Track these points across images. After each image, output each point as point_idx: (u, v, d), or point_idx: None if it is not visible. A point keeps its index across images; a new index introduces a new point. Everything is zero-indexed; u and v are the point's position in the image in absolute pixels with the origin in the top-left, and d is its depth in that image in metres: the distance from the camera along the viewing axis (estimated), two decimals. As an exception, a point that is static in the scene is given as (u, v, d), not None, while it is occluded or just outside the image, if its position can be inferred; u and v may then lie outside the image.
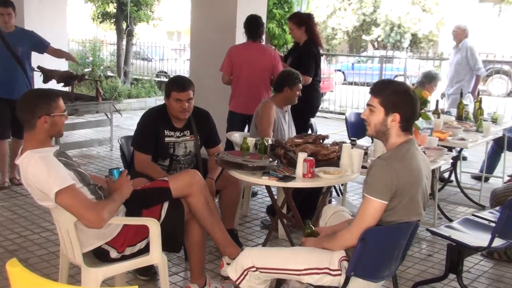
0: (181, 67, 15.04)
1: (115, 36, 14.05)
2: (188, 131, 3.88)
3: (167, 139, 3.80)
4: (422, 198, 2.60)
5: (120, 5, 12.69)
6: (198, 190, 3.22)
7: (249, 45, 5.47)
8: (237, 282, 2.69)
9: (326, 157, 3.59)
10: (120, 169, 3.04)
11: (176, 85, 3.75)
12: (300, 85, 4.64)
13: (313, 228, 2.90)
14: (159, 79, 14.62)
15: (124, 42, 13.27)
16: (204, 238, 3.35)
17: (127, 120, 9.50)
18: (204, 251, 3.40)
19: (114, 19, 13.40)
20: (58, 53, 5.95)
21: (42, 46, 5.73)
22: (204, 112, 4.01)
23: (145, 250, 2.98)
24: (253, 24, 5.47)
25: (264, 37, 5.58)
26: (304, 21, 5.56)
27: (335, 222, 2.98)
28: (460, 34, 7.31)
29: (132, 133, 3.95)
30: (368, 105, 2.66)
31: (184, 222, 3.23)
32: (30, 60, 5.64)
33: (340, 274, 2.55)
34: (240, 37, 6.52)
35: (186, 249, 3.49)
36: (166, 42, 20.71)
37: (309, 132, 5.63)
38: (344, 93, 12.07)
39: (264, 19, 6.99)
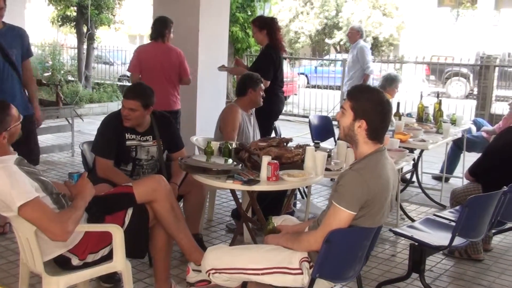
0: (143, 71, 14.86)
1: (75, 40, 13.81)
2: (151, 136, 3.84)
3: (128, 142, 3.75)
4: (389, 207, 2.64)
5: (81, 9, 12.49)
6: (163, 195, 3.19)
7: (155, 45, 5.56)
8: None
9: (290, 160, 3.61)
10: (80, 173, 2.98)
11: (127, 91, 3.75)
12: (263, 86, 4.66)
13: (275, 224, 2.91)
14: (121, 83, 14.43)
15: (85, 46, 13.06)
16: (169, 243, 3.32)
17: (89, 125, 9.35)
18: (169, 257, 3.37)
19: (75, 23, 13.17)
20: (28, 75, 4.58)
21: (26, 55, 4.55)
22: (166, 116, 3.98)
23: (108, 257, 2.93)
24: (159, 25, 5.60)
25: (169, 37, 5.62)
26: (266, 24, 5.58)
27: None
28: (354, 35, 7.88)
29: (93, 138, 3.89)
30: (341, 107, 2.68)
31: (148, 228, 3.20)
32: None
33: (301, 273, 2.56)
34: (204, 41, 6.51)
35: (151, 255, 3.45)
36: (129, 45, 20.47)
37: (273, 135, 5.65)
38: (307, 96, 12.16)
39: (227, 23, 7.02)
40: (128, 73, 6.98)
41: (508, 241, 4.72)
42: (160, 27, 5.55)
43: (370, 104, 2.54)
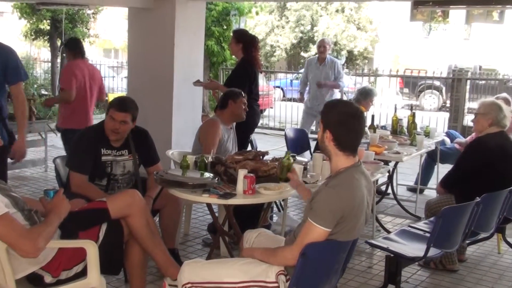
0: (119, 85, 14.80)
1: (49, 54, 13.68)
2: (126, 150, 3.81)
3: (104, 158, 3.71)
4: (364, 221, 2.65)
5: (54, 22, 12.39)
6: (138, 210, 3.16)
7: (82, 62, 5.69)
8: None
9: (266, 173, 3.61)
10: (56, 190, 2.93)
11: (117, 103, 3.74)
12: (245, 100, 4.67)
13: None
14: (96, 97, 14.30)
15: (59, 60, 12.95)
16: (145, 259, 3.28)
17: (63, 139, 9.21)
18: (145, 272, 3.33)
19: (48, 36, 13.06)
20: (16, 102, 4.04)
21: (15, 76, 3.96)
22: (143, 130, 3.95)
23: (82, 273, 2.88)
24: (79, 43, 5.81)
25: None
26: (243, 39, 5.62)
27: (261, 243, 2.96)
28: (328, 49, 7.84)
29: (68, 153, 3.84)
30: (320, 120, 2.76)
31: (123, 244, 3.16)
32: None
33: (277, 287, 2.56)
34: (179, 55, 6.51)
35: (126, 270, 3.40)
36: (103, 59, 20.32)
37: (249, 148, 5.65)
38: (283, 109, 12.21)
39: (202, 37, 7.03)
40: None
41: (482, 251, 4.78)
42: (81, 45, 5.74)
43: (335, 116, 2.61)
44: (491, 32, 22.30)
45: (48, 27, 12.92)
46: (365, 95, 6.14)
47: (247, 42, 5.60)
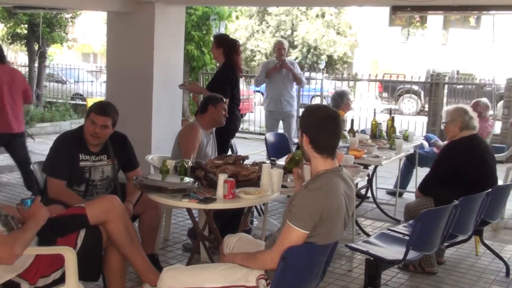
0: (97, 89, 14.69)
1: (26, 58, 13.51)
2: (105, 156, 3.78)
3: (82, 163, 3.68)
4: (342, 225, 2.67)
5: (32, 26, 12.24)
6: (117, 216, 3.13)
7: (2, 67, 5.62)
8: None
9: (247, 178, 3.61)
10: (33, 198, 2.89)
11: (98, 107, 3.72)
12: (225, 105, 4.67)
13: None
14: (74, 102, 14.18)
15: (37, 64, 12.79)
16: (124, 265, 3.25)
17: (40, 144, 9.11)
18: (124, 279, 3.30)
19: (25, 41, 12.89)
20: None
21: None
22: (121, 135, 3.92)
23: (61, 280, 2.84)
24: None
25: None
26: (224, 44, 5.63)
27: (241, 247, 2.96)
28: (286, 51, 7.49)
29: (45, 159, 3.79)
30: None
31: (102, 250, 3.13)
32: None
33: None
34: (159, 60, 6.49)
35: (105, 277, 3.36)
36: (82, 64, 20.17)
37: (230, 153, 5.65)
38: (263, 114, 12.19)
39: (182, 41, 7.02)
40: (80, 92, 6.87)
41: (460, 253, 4.83)
42: (1, 50, 5.65)
43: (311, 119, 2.66)
44: (468, 38, 22.61)
45: (26, 31, 12.75)
46: (341, 97, 6.17)
47: (227, 47, 5.60)
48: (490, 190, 4.07)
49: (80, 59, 27.84)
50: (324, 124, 2.64)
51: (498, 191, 4.30)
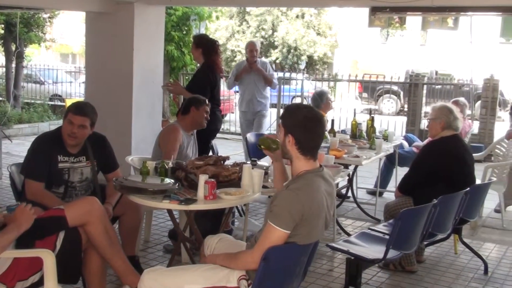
0: (76, 90, 14.55)
1: (3, 58, 13.33)
2: (84, 157, 3.74)
3: (60, 164, 3.63)
4: (323, 225, 2.67)
5: (9, 26, 12.07)
6: (97, 218, 3.11)
7: None
8: None
9: (227, 178, 3.60)
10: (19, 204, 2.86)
11: (75, 107, 3.68)
12: (207, 108, 4.66)
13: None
14: (52, 102, 14.02)
15: (14, 65, 12.62)
16: (104, 267, 3.23)
17: (18, 146, 9.00)
18: (104, 281, 3.27)
19: (2, 41, 12.71)
20: None
21: None
22: (101, 136, 3.88)
23: (39, 283, 2.81)
24: None
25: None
26: (203, 44, 5.62)
27: (222, 248, 2.95)
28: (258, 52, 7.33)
29: (23, 160, 3.74)
30: (279, 124, 2.76)
31: (81, 252, 3.10)
32: None
33: None
34: (138, 60, 6.45)
35: (85, 279, 3.33)
36: (60, 64, 19.95)
37: (210, 153, 5.63)
38: (244, 114, 12.20)
39: (162, 42, 6.98)
40: (59, 93, 6.80)
41: (439, 252, 4.88)
42: None
43: (297, 120, 2.65)
44: (446, 38, 22.90)
45: (2, 31, 12.57)
46: (320, 97, 6.19)
47: (206, 47, 5.59)
48: (468, 189, 4.12)
49: (59, 60, 27.55)
50: (310, 126, 2.64)
51: (476, 190, 4.35)
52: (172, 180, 3.47)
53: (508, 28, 22.91)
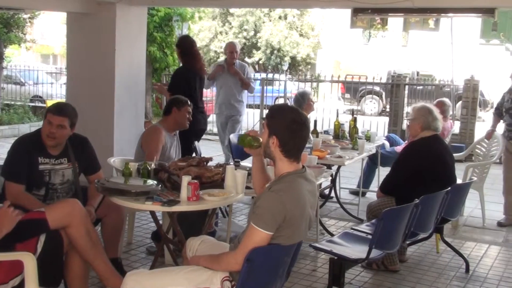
0: (57, 91, 14.41)
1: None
2: (65, 159, 3.70)
3: (41, 166, 3.59)
4: (306, 226, 2.68)
5: (-12, 27, 11.94)
6: (79, 220, 3.08)
7: None
8: None
9: (210, 180, 3.60)
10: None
11: (55, 107, 3.65)
12: (189, 109, 4.64)
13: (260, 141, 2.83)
14: (33, 104, 13.88)
15: (-6, 65, 12.47)
16: (86, 270, 3.20)
17: (-2, 148, 8.89)
18: (86, 284, 3.25)
19: (-18, 41, 12.56)
20: None
21: None
22: (82, 138, 3.85)
23: (20, 287, 2.78)
24: None
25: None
26: (181, 44, 5.64)
27: (205, 250, 2.94)
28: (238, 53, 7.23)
29: (2, 162, 3.69)
30: (262, 124, 2.75)
31: (63, 254, 3.07)
32: None
33: None
34: (120, 61, 6.41)
35: (67, 282, 3.30)
36: (41, 65, 19.75)
37: (193, 155, 5.61)
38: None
39: (144, 43, 6.96)
40: (40, 94, 6.75)
41: (422, 251, 4.93)
42: None
43: (281, 121, 2.63)
44: (427, 39, 23.11)
45: (-19, 32, 12.44)
46: (302, 98, 6.19)
47: (184, 47, 5.61)
48: (449, 188, 4.16)
49: (39, 61, 27.25)
50: (296, 129, 2.63)
51: (457, 189, 4.40)
52: (155, 182, 3.45)
53: (487, 29, 23.17)
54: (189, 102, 4.68)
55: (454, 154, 4.88)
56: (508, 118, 5.65)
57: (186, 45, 5.64)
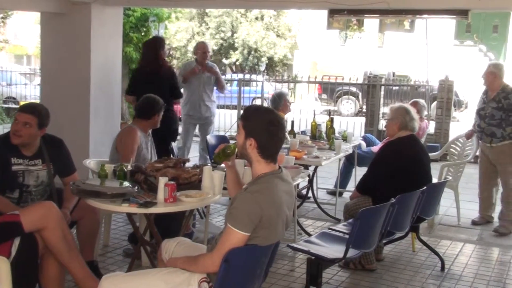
0: (31, 92, 14.21)
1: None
2: (40, 160, 3.64)
3: (14, 167, 3.53)
4: (283, 227, 2.68)
5: (-40, 27, 11.73)
6: (54, 223, 3.04)
7: None
8: None
9: (188, 181, 3.58)
10: None
11: (24, 106, 3.64)
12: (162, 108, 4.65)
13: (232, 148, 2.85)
14: (6, 105, 13.66)
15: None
16: (62, 273, 3.17)
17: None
18: (62, 287, 3.20)
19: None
20: None
21: None
22: (57, 139, 3.80)
23: (-7, 291, 2.73)
24: None
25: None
26: (144, 44, 5.65)
27: (181, 252, 2.92)
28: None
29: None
30: (238, 126, 2.71)
31: (38, 258, 3.03)
32: None
33: None
34: (96, 62, 6.35)
35: (42, 286, 3.25)
36: (14, 66, 19.46)
37: (170, 156, 5.58)
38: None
39: (120, 43, 6.90)
40: (13, 96, 6.64)
41: (398, 250, 4.97)
42: None
43: (258, 123, 2.63)
44: (402, 40, 23.39)
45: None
46: (279, 98, 6.22)
47: (144, 45, 5.64)
48: (425, 188, 4.21)
49: (13, 61, 26.84)
50: (273, 130, 2.63)
51: (433, 188, 4.45)
52: (131, 183, 3.42)
53: (462, 31, 23.56)
54: (163, 102, 4.65)
55: (430, 154, 4.94)
56: (477, 119, 5.73)
57: (150, 45, 5.68)
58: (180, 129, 6.60)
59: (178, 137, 6.49)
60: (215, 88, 7.04)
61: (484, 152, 5.79)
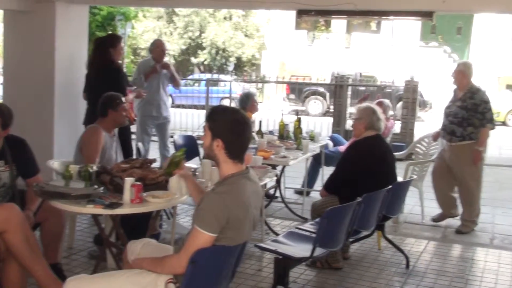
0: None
1: None
2: (2, 161, 3.57)
3: (-24, 169, 3.45)
4: (251, 227, 2.68)
5: None
6: (16, 225, 2.98)
7: None
8: None
9: (154, 181, 3.55)
10: None
11: None
12: (126, 106, 4.56)
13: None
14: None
15: None
16: (24, 276, 3.11)
17: None
18: (24, 291, 3.14)
19: None
20: None
21: None
22: (20, 139, 3.72)
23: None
24: None
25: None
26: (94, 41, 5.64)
27: (147, 253, 2.89)
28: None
29: None
30: (204, 127, 2.72)
31: (-1, 261, 2.96)
32: None
33: None
34: (60, 62, 6.25)
35: (3, 290, 3.19)
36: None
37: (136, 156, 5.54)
38: (172, 116, 12.03)
39: (85, 43, 6.80)
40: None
41: (364, 248, 5.03)
42: None
43: (224, 123, 2.63)
44: (369, 41, 23.70)
45: None
46: (246, 99, 6.22)
47: (94, 43, 5.61)
48: (390, 186, 4.27)
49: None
50: (239, 130, 2.63)
51: (398, 187, 4.51)
52: (97, 184, 3.37)
53: (427, 32, 24.01)
54: (123, 100, 4.56)
55: (395, 153, 5.02)
56: (444, 119, 5.82)
57: (102, 42, 5.64)
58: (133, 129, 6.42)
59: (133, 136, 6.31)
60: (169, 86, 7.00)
61: (445, 151, 5.87)
